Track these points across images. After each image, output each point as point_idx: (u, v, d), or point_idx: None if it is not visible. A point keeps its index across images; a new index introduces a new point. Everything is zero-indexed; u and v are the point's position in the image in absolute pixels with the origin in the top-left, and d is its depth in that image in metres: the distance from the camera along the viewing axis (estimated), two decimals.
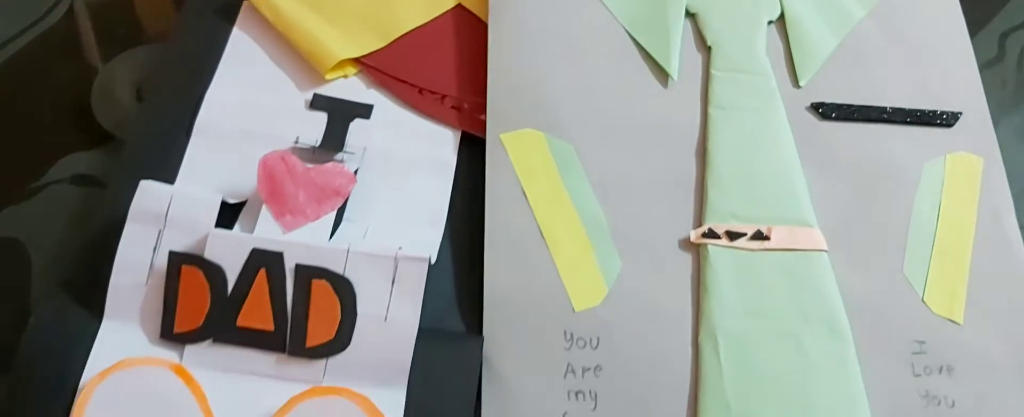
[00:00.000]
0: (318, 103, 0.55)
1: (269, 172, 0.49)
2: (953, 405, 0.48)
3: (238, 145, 0.53)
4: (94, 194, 0.54)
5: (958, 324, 0.49)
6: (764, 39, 0.57)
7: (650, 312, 0.49)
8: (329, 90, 0.56)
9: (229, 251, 0.46)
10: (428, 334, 0.46)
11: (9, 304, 0.51)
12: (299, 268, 0.46)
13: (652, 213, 0.52)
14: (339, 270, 0.46)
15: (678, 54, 0.56)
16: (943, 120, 0.55)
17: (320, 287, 0.46)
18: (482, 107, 0.54)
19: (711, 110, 0.54)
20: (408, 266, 0.46)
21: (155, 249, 0.47)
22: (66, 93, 0.58)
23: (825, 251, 0.50)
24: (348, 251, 0.46)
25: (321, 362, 0.45)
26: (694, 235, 0.50)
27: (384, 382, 0.45)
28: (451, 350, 0.47)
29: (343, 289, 0.46)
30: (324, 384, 0.45)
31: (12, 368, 0.45)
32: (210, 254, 0.46)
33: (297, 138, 0.53)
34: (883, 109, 0.55)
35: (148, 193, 0.47)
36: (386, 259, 0.46)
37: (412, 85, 0.56)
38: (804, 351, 0.48)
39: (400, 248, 0.47)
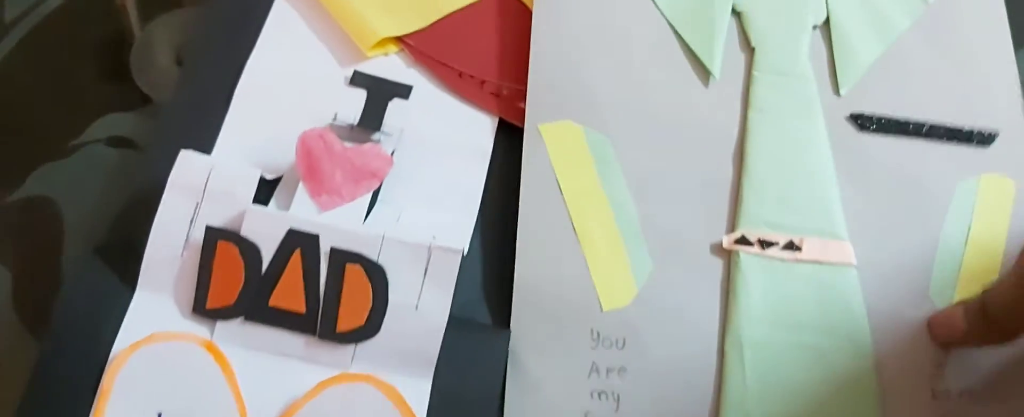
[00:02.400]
0: (358, 80, 0.55)
1: (308, 150, 0.49)
2: None
3: (277, 117, 0.53)
4: (130, 156, 0.54)
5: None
6: (808, 43, 0.56)
7: (678, 316, 0.49)
8: (369, 67, 0.55)
9: (265, 229, 0.46)
10: (456, 324, 0.46)
11: (41, 262, 0.51)
12: (334, 252, 0.46)
13: (686, 214, 0.51)
14: (373, 256, 0.46)
15: (721, 52, 0.55)
16: (980, 139, 0.54)
17: (354, 272, 0.46)
18: (521, 94, 0.54)
19: (750, 113, 0.54)
20: (441, 257, 0.46)
21: (192, 222, 0.47)
22: (106, 54, 0.58)
23: (854, 266, 0.50)
24: (383, 237, 0.46)
25: (350, 347, 0.46)
26: (727, 241, 0.50)
27: (411, 371, 0.45)
28: (478, 342, 0.47)
29: (376, 275, 0.46)
30: (352, 370, 0.45)
31: (45, 336, 0.46)
32: (247, 231, 0.46)
33: (335, 115, 0.53)
34: (922, 124, 0.54)
35: (188, 163, 0.47)
36: (420, 248, 0.46)
37: (452, 68, 0.56)
38: (827, 366, 0.48)
39: (434, 237, 0.47)
